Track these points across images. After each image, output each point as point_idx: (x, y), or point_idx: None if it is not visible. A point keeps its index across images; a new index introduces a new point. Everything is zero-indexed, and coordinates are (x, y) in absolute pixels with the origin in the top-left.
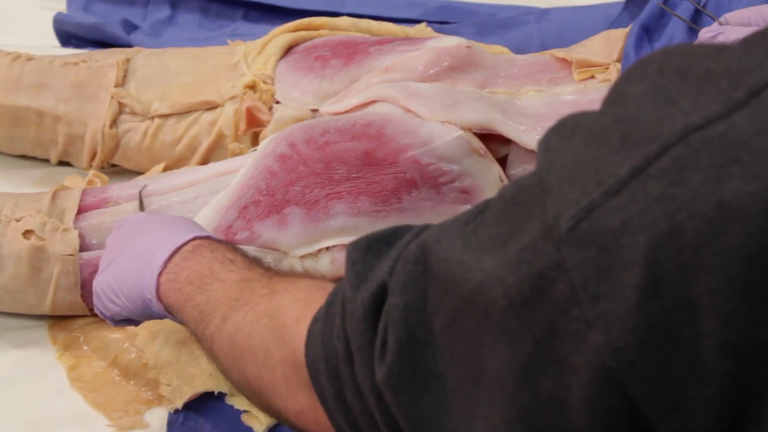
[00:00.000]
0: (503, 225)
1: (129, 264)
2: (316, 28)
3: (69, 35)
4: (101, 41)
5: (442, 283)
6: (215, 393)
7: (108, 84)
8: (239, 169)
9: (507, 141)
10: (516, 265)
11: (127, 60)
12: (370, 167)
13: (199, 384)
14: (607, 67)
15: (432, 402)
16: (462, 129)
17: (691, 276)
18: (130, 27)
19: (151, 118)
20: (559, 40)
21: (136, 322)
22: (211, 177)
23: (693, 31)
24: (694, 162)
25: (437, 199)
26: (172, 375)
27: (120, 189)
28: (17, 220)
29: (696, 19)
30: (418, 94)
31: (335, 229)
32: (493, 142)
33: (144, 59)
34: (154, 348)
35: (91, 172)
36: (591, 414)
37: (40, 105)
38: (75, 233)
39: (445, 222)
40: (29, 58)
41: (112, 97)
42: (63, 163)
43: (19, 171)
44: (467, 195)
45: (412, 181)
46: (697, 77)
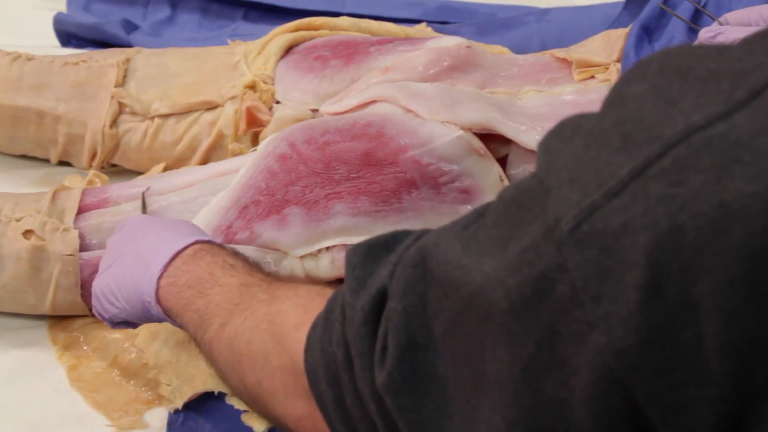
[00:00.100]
0: (503, 227)
1: (129, 266)
2: (316, 28)
3: (69, 35)
4: (101, 41)
5: (442, 287)
6: (215, 393)
7: (108, 84)
8: (239, 169)
9: (507, 141)
10: (517, 267)
11: (127, 60)
12: (370, 167)
13: (199, 384)
14: (607, 67)
15: (433, 406)
16: (462, 129)
17: (693, 276)
18: (130, 27)
19: (151, 118)
20: (559, 40)
21: (134, 324)
22: (211, 177)
23: (693, 31)
24: (695, 162)
25: (437, 199)
26: (172, 375)
27: (120, 189)
28: (17, 220)
29: (696, 19)
30: (418, 94)
31: (335, 229)
32: (493, 142)
33: (144, 59)
34: (154, 348)
35: (91, 172)
36: (593, 415)
37: (40, 105)
38: (75, 233)
39: (445, 226)
40: (29, 58)
41: (112, 97)
42: (63, 163)
43: (19, 171)
44: (467, 195)
45: (412, 181)
46: (698, 78)
